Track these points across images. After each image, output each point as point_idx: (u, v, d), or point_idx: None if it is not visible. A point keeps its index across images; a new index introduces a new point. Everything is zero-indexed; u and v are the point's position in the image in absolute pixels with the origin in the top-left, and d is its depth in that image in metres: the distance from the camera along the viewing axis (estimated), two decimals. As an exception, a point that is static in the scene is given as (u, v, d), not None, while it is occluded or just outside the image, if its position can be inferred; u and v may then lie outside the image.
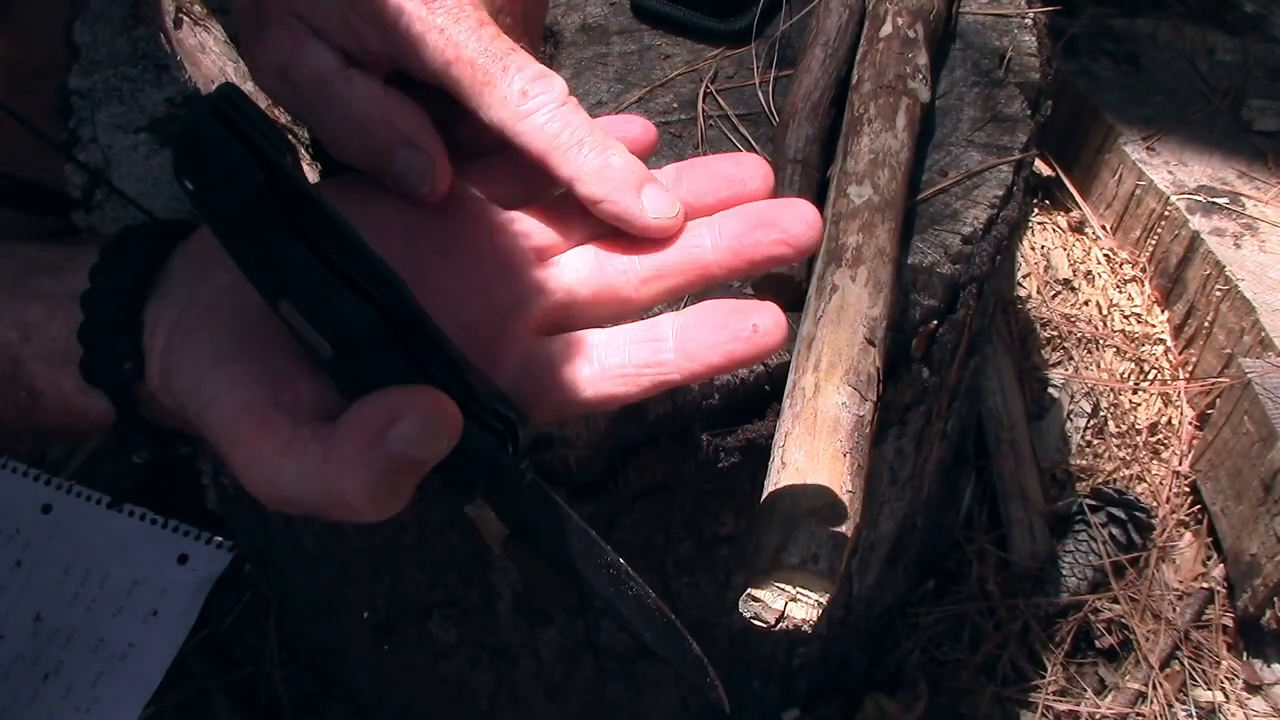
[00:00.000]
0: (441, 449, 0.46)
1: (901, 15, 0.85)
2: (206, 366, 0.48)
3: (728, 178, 0.55)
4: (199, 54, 0.74)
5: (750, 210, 0.54)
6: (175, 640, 1.15)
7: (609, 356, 0.52)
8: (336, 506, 0.46)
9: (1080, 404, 1.39)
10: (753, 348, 0.51)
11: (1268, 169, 1.45)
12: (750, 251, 0.53)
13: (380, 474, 0.45)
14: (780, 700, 1.14)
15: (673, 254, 0.54)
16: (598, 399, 0.52)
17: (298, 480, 0.46)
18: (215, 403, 0.47)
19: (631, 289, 0.55)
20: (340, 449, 0.46)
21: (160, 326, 0.50)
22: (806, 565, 0.57)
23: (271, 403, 0.47)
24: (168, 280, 0.51)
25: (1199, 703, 1.20)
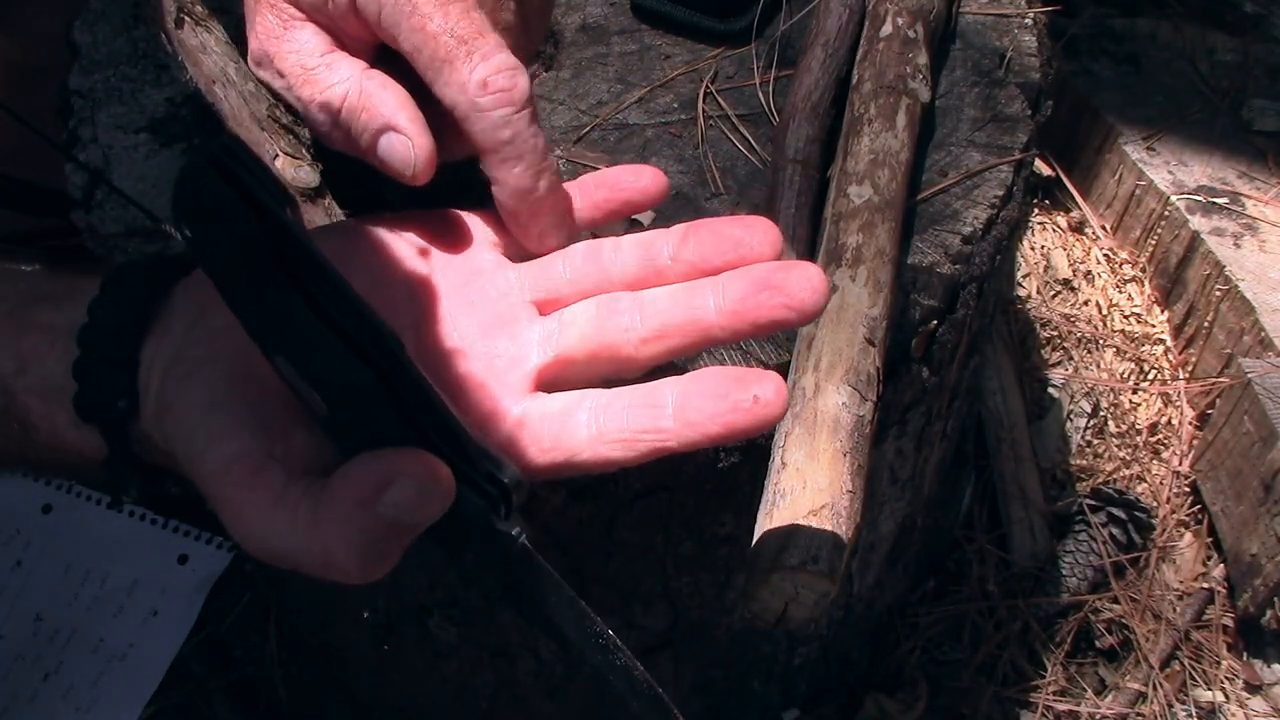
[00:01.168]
0: (434, 514, 0.46)
1: (901, 15, 0.85)
2: (201, 412, 0.47)
3: (735, 241, 0.54)
4: (200, 54, 0.74)
5: (755, 272, 0.53)
6: (175, 640, 1.15)
7: (607, 420, 0.51)
8: (323, 567, 0.45)
9: (1080, 404, 1.39)
10: (753, 419, 0.50)
11: (1268, 169, 1.45)
12: (753, 314, 0.52)
13: (369, 537, 0.45)
14: (780, 700, 1.14)
15: (676, 313, 0.54)
16: (593, 462, 0.52)
17: (287, 536, 0.45)
18: (208, 450, 0.46)
19: (632, 348, 0.54)
20: (331, 510, 0.45)
21: (156, 364, 0.49)
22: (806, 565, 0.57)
23: (266, 454, 0.46)
24: (168, 315, 0.51)
25: (1199, 703, 1.20)
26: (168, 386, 0.49)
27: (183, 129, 0.83)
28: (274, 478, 0.46)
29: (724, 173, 0.84)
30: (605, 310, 0.55)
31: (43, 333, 0.52)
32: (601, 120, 0.87)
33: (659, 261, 0.56)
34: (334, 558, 0.45)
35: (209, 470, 0.46)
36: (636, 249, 0.57)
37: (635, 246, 0.57)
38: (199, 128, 0.83)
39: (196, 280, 0.52)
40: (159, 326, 0.50)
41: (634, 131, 0.86)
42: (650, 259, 0.56)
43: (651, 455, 0.52)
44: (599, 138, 0.86)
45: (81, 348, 0.50)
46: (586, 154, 0.85)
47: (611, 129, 0.86)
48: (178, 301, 0.51)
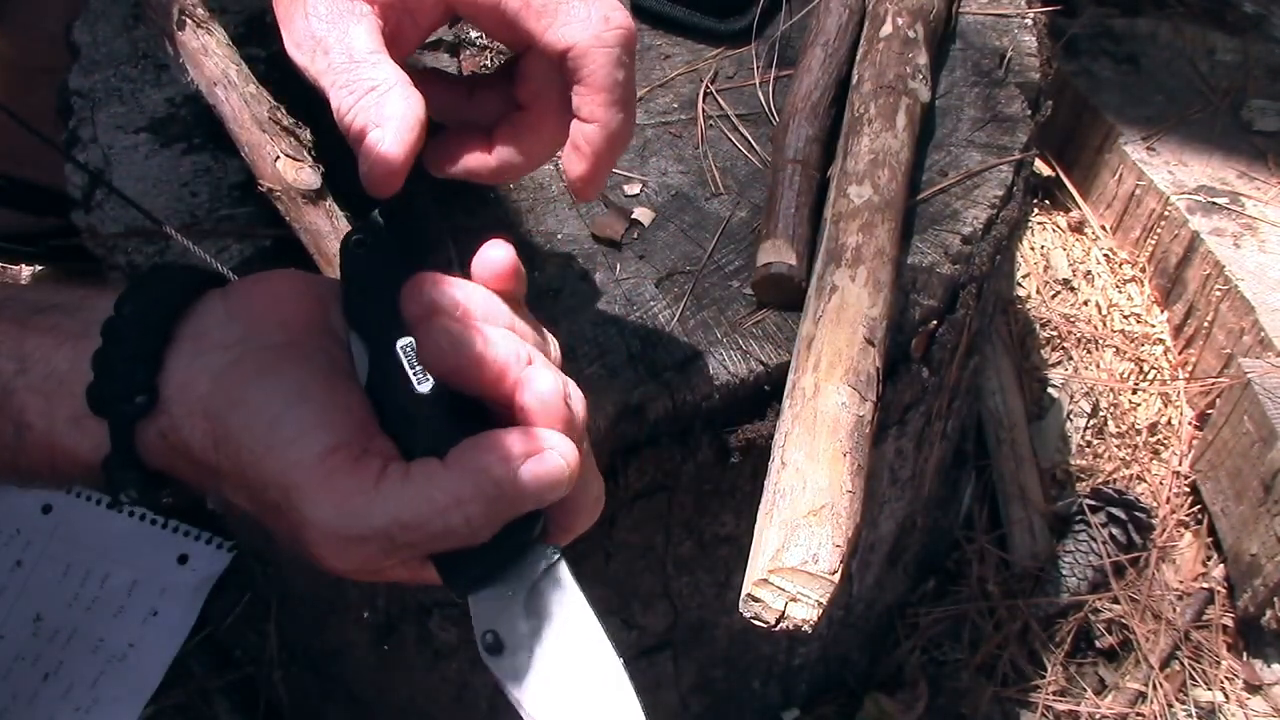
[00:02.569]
0: (555, 497, 0.48)
1: (901, 15, 0.85)
2: (283, 406, 0.48)
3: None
4: (202, 56, 0.74)
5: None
6: (175, 640, 1.15)
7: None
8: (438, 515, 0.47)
9: (1080, 404, 1.39)
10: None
11: (1268, 169, 1.45)
12: None
13: (498, 493, 0.47)
14: (780, 700, 1.14)
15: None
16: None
17: (397, 500, 0.47)
18: (298, 440, 0.48)
19: None
20: (461, 462, 0.47)
21: (199, 367, 0.50)
22: (806, 565, 0.57)
23: (361, 449, 0.48)
24: (201, 322, 0.51)
25: (1199, 703, 1.20)
26: (228, 385, 0.49)
27: (183, 129, 0.83)
28: (374, 463, 0.48)
29: (724, 173, 0.84)
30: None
31: (50, 334, 0.52)
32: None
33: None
34: (461, 498, 0.46)
35: (297, 459, 0.47)
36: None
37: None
38: (199, 128, 0.83)
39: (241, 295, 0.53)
40: (191, 331, 0.51)
41: (634, 131, 0.86)
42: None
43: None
44: (599, 138, 0.86)
45: (105, 340, 0.51)
46: (586, 154, 0.85)
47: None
48: (215, 312, 0.52)
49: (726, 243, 0.79)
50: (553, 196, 0.82)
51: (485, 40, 0.93)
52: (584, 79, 0.57)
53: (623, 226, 0.80)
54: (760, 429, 0.73)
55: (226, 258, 0.76)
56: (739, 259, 0.79)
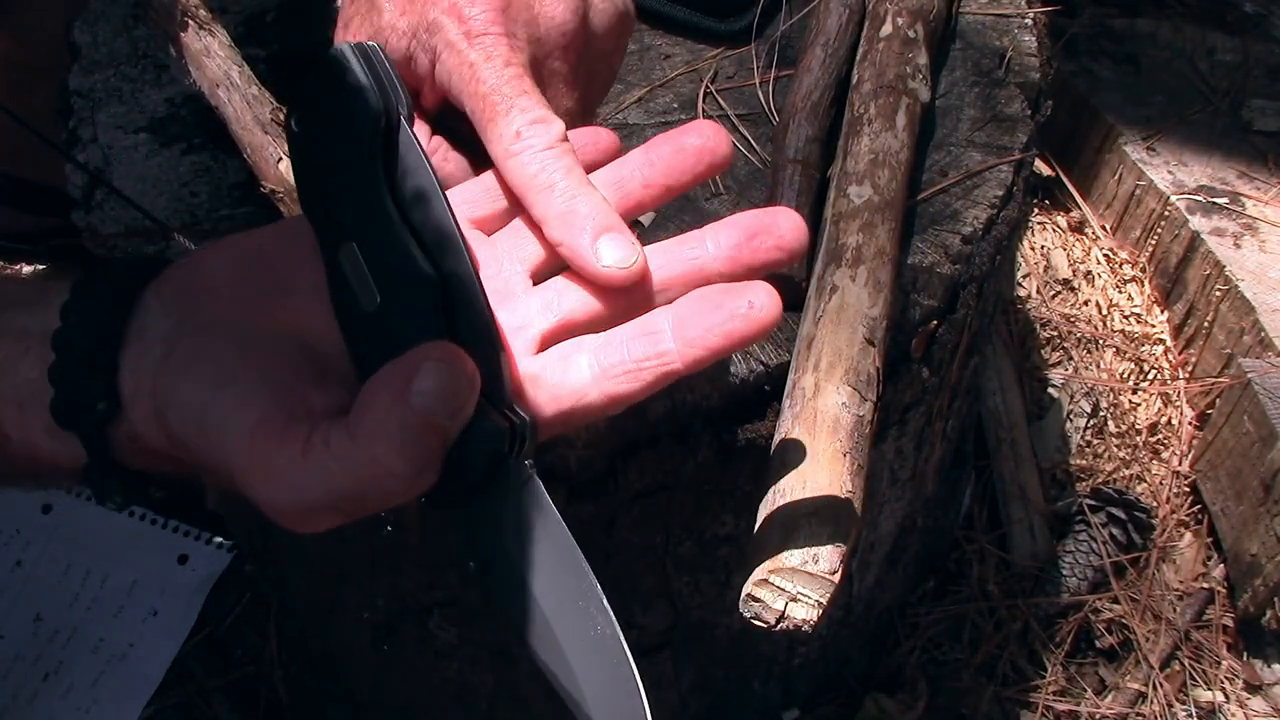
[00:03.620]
0: (463, 403, 0.46)
1: (901, 15, 0.85)
2: (210, 392, 0.47)
3: (697, 151, 0.56)
4: (204, 58, 0.74)
5: (743, 220, 0.55)
6: (175, 640, 1.15)
7: (608, 356, 0.52)
8: (371, 482, 0.45)
9: (1080, 404, 1.39)
10: (752, 324, 0.51)
11: (1268, 169, 1.45)
12: (748, 258, 0.54)
13: (410, 433, 0.45)
14: (780, 700, 1.14)
15: (675, 265, 0.55)
16: (603, 401, 0.52)
17: (325, 472, 0.46)
18: (226, 424, 0.47)
19: (632, 304, 0.55)
20: (366, 416, 0.46)
21: (143, 366, 0.49)
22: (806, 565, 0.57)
23: (286, 414, 0.47)
24: (144, 316, 0.50)
25: (1199, 703, 1.20)
26: (164, 381, 0.48)
27: (183, 129, 0.83)
28: (299, 430, 0.46)
29: (724, 173, 0.84)
30: None
31: (16, 339, 0.51)
32: (601, 120, 0.87)
33: (634, 194, 0.58)
34: (379, 462, 0.45)
35: (231, 442, 0.47)
36: (607, 188, 0.58)
37: (604, 187, 0.58)
38: (199, 128, 0.83)
39: (170, 281, 0.52)
40: (136, 327, 0.50)
41: (634, 131, 0.86)
42: (625, 194, 0.58)
43: (659, 382, 0.52)
44: (599, 138, 0.86)
45: (57, 352, 0.49)
46: (586, 154, 0.85)
47: (611, 129, 0.86)
48: (151, 303, 0.51)
49: (726, 243, 0.79)
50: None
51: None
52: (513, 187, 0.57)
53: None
54: (760, 429, 0.73)
55: (226, 258, 0.76)
56: (739, 259, 0.78)
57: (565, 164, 0.56)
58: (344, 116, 0.49)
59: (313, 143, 0.51)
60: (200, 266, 0.53)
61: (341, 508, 0.46)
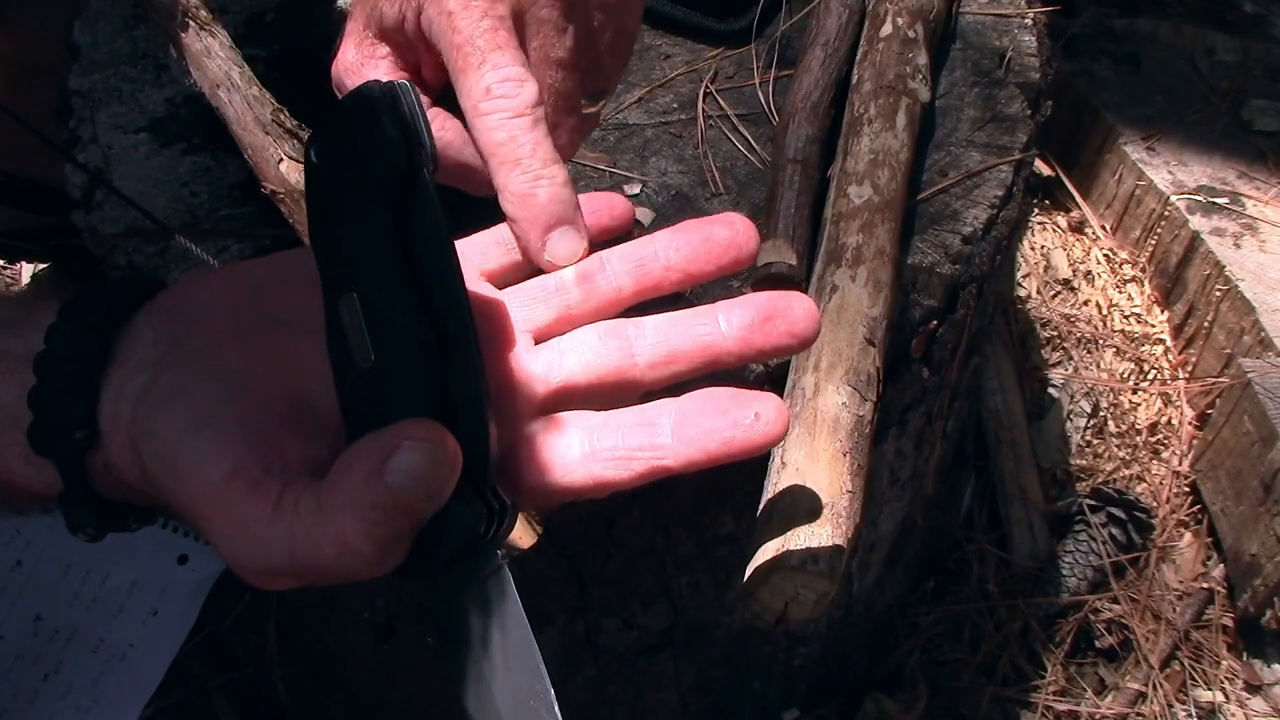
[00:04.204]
0: (441, 487, 0.45)
1: (901, 15, 0.85)
2: (186, 433, 0.45)
3: (724, 241, 0.56)
4: (204, 59, 0.74)
5: (758, 301, 0.54)
6: (175, 640, 1.15)
7: (602, 439, 0.51)
8: (335, 558, 0.44)
9: (1080, 404, 1.39)
10: (754, 438, 0.49)
11: (1268, 169, 1.45)
12: (760, 341, 0.53)
13: (380, 513, 0.43)
14: (780, 700, 1.14)
15: (684, 339, 0.54)
16: (586, 483, 0.50)
17: (290, 538, 0.44)
18: (198, 470, 0.45)
19: (638, 372, 0.54)
20: (338, 488, 0.44)
21: (126, 394, 0.47)
22: (806, 565, 0.57)
23: (260, 467, 0.45)
24: (131, 342, 0.49)
25: (1199, 703, 1.20)
26: (143, 412, 0.47)
27: (183, 129, 0.83)
28: (271, 487, 0.45)
29: (724, 173, 0.84)
30: (609, 336, 0.55)
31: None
32: (602, 120, 0.87)
33: (654, 273, 0.56)
34: (345, 540, 0.43)
35: (199, 490, 0.45)
36: (625, 263, 0.57)
37: (622, 260, 0.57)
38: (199, 128, 0.83)
39: (164, 303, 0.51)
40: (122, 354, 0.49)
41: (634, 131, 0.86)
42: (644, 272, 0.56)
43: (648, 475, 0.50)
44: (599, 138, 0.86)
45: (38, 376, 0.48)
46: (586, 154, 0.85)
47: (611, 129, 0.87)
48: (142, 329, 0.49)
49: (726, 243, 0.79)
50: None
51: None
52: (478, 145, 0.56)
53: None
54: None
55: (227, 258, 0.76)
56: (739, 259, 0.78)
57: (533, 137, 0.55)
58: (365, 159, 0.48)
59: (330, 179, 0.49)
60: (196, 292, 0.51)
61: (302, 576, 0.45)
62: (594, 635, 0.91)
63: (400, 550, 0.45)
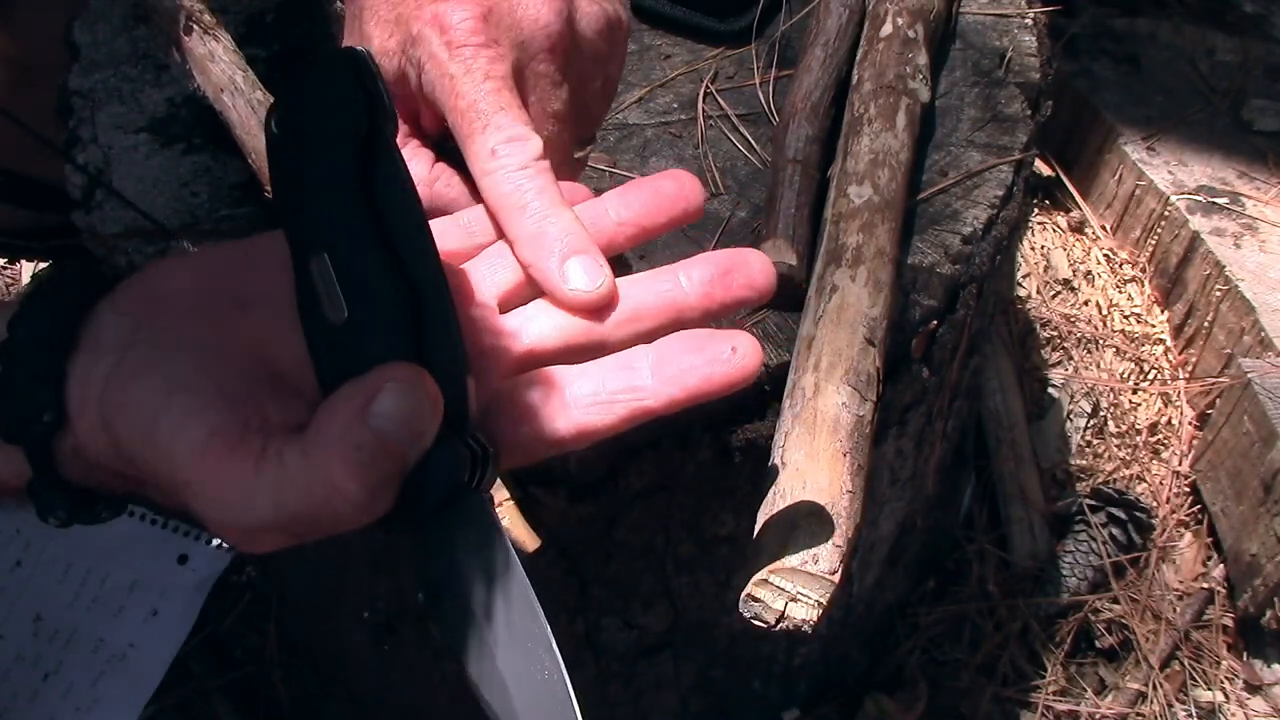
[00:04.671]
0: (424, 428, 0.45)
1: (901, 15, 0.85)
2: (161, 399, 0.45)
3: (671, 195, 0.57)
4: (208, 62, 0.74)
5: (714, 258, 0.55)
6: (175, 640, 1.15)
7: (581, 387, 0.51)
8: (324, 504, 0.44)
9: (1080, 404, 1.39)
10: (732, 371, 0.50)
11: (1268, 169, 1.45)
12: (721, 295, 0.54)
13: (367, 454, 0.43)
14: (780, 700, 1.14)
15: (649, 297, 0.55)
16: (572, 433, 0.51)
17: (276, 490, 0.44)
18: (177, 434, 0.45)
19: (605, 331, 0.54)
20: (322, 433, 0.44)
21: (94, 375, 0.47)
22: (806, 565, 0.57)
23: (240, 426, 0.45)
24: (96, 328, 0.49)
25: (1199, 703, 1.20)
26: (114, 387, 0.47)
27: (183, 129, 0.83)
28: (253, 443, 0.45)
29: (724, 173, 0.84)
30: None
31: None
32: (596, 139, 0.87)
33: (607, 231, 0.57)
34: (334, 484, 0.43)
35: (179, 454, 0.45)
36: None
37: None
38: (199, 128, 0.83)
39: (127, 292, 0.51)
40: (88, 340, 0.49)
41: (634, 131, 0.86)
42: (598, 231, 0.57)
43: (632, 419, 0.51)
44: (599, 138, 0.86)
45: (2, 364, 0.48)
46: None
47: (611, 129, 0.87)
48: (105, 317, 0.49)
49: (726, 243, 0.79)
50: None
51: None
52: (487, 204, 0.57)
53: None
54: (760, 429, 0.73)
55: (226, 258, 0.76)
56: (739, 259, 0.78)
57: (538, 184, 0.56)
58: (326, 122, 0.49)
59: (292, 146, 0.50)
60: (159, 277, 0.52)
61: (291, 529, 0.45)
62: (594, 635, 0.91)
63: (388, 495, 0.45)
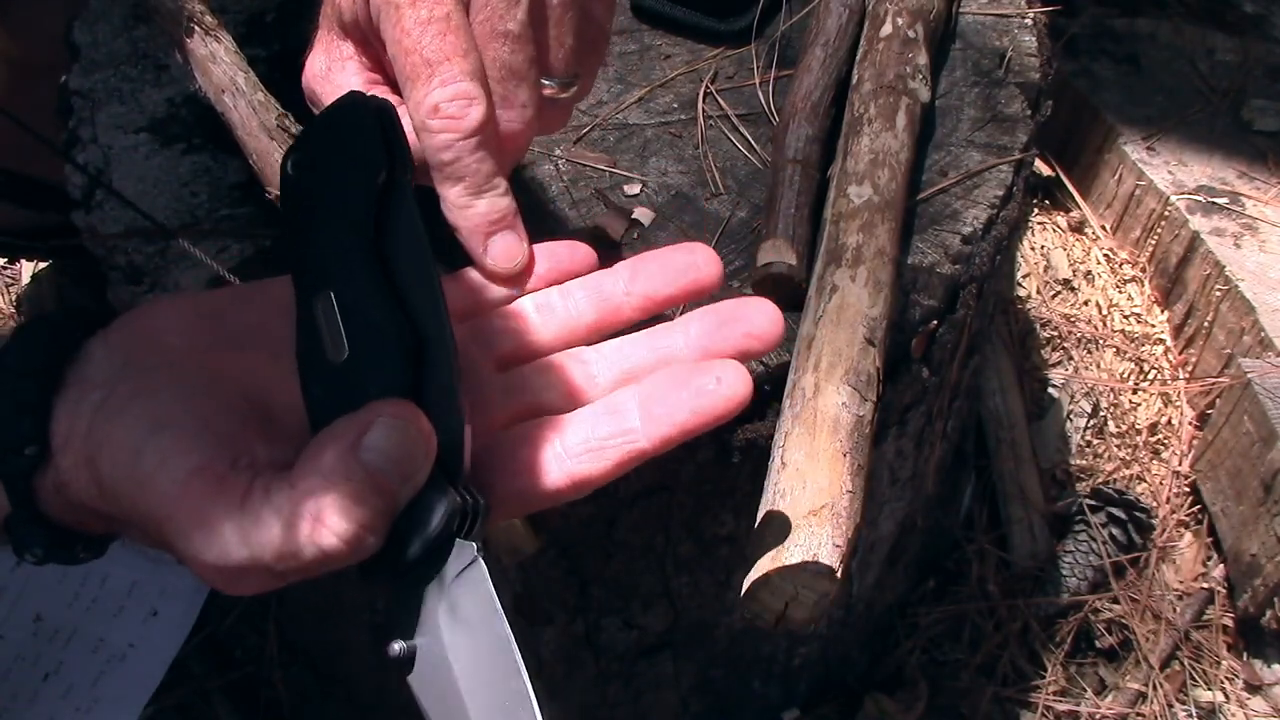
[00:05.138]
0: (416, 466, 0.45)
1: (901, 15, 0.85)
2: (147, 435, 0.45)
3: (683, 267, 0.56)
4: (210, 64, 0.74)
5: (717, 309, 0.54)
6: (175, 640, 1.15)
7: (571, 436, 0.50)
8: (309, 541, 0.43)
9: (1080, 404, 1.39)
10: (720, 401, 0.50)
11: (1268, 169, 1.45)
12: (719, 347, 0.53)
13: (357, 488, 0.43)
14: (780, 700, 1.14)
15: (644, 357, 0.55)
16: (564, 483, 0.50)
17: (262, 525, 0.43)
18: (161, 470, 0.44)
19: (599, 393, 0.54)
20: (312, 466, 0.43)
21: (81, 410, 0.47)
22: (806, 565, 0.57)
23: (226, 463, 0.45)
24: (85, 365, 0.49)
25: (1199, 703, 1.20)
26: (99, 422, 0.46)
27: (183, 129, 0.83)
28: (239, 481, 0.44)
29: (724, 173, 0.84)
30: (570, 361, 0.56)
31: None
32: (601, 120, 0.87)
33: (614, 300, 0.57)
34: (322, 518, 0.43)
35: (162, 490, 0.44)
36: (586, 291, 0.58)
37: (584, 289, 0.58)
38: (199, 128, 0.83)
39: (120, 329, 0.51)
40: (76, 376, 0.48)
41: (634, 131, 0.86)
42: (604, 299, 0.57)
43: (625, 463, 0.50)
44: (599, 138, 0.86)
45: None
46: (586, 154, 0.85)
47: (611, 129, 0.87)
48: (96, 353, 0.49)
49: (726, 243, 0.79)
50: (552, 196, 0.82)
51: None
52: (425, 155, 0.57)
53: (623, 226, 0.80)
54: (760, 429, 0.73)
55: (226, 258, 0.76)
56: (739, 259, 0.79)
57: (477, 157, 0.56)
58: (345, 168, 0.49)
59: (307, 186, 0.50)
60: (153, 315, 0.51)
61: (274, 567, 0.44)
62: (594, 635, 0.91)
63: (377, 535, 0.44)
